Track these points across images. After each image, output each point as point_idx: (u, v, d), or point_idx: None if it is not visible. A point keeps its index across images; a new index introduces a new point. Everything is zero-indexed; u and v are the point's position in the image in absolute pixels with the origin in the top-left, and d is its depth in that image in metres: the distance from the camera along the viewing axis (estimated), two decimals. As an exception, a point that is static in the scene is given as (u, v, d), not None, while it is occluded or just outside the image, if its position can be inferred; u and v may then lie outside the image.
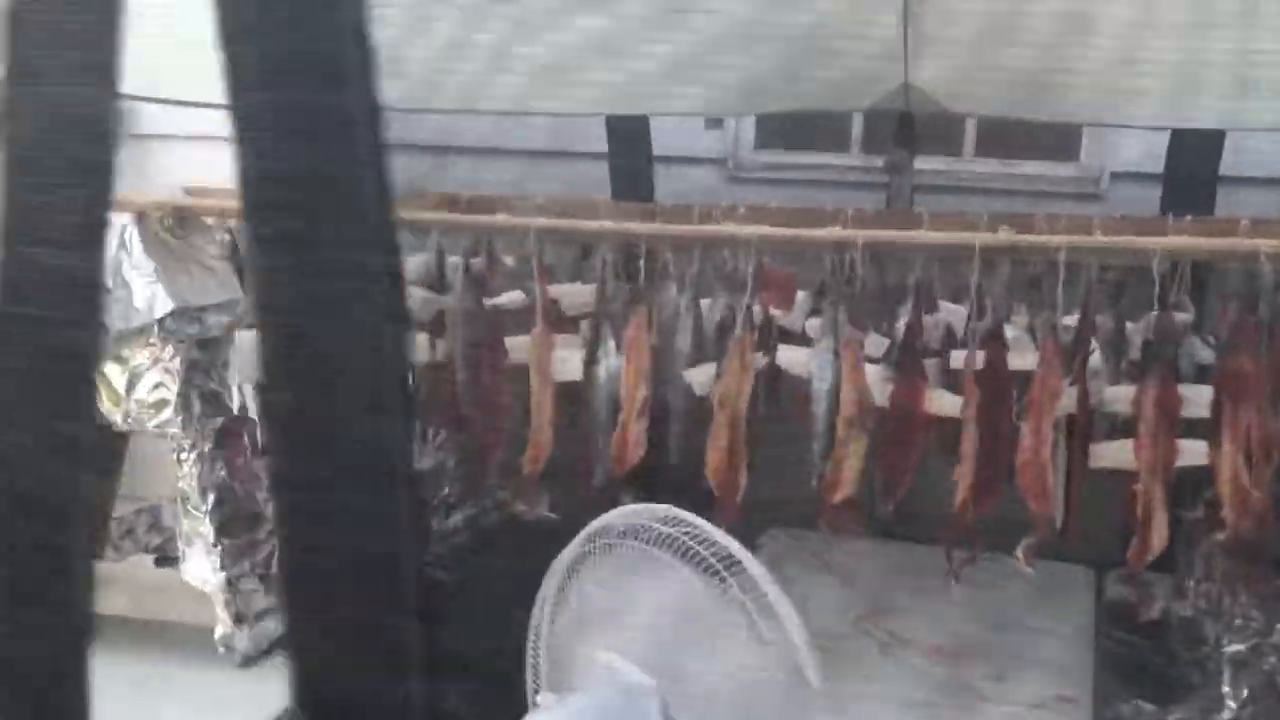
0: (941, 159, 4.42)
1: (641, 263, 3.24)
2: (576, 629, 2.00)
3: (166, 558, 3.80)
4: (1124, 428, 2.91)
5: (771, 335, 3.16)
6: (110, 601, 3.21)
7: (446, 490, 4.26)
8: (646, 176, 4.39)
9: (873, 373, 2.89)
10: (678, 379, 3.10)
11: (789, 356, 2.99)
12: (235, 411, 3.31)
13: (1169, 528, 2.66)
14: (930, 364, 2.97)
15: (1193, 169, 3.93)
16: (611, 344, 3.11)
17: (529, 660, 2.11)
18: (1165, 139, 4.07)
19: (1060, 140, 4.43)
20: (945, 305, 3.17)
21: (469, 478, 4.42)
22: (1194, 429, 2.79)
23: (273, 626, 3.26)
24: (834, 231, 2.69)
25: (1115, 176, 4.27)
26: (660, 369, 3.10)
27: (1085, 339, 2.74)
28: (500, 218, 3.16)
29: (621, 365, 3.09)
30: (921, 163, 4.23)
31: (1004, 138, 4.47)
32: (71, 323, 0.51)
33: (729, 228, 2.77)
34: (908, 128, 4.17)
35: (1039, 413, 2.59)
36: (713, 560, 1.75)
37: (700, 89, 4.12)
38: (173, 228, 3.25)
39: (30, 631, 0.54)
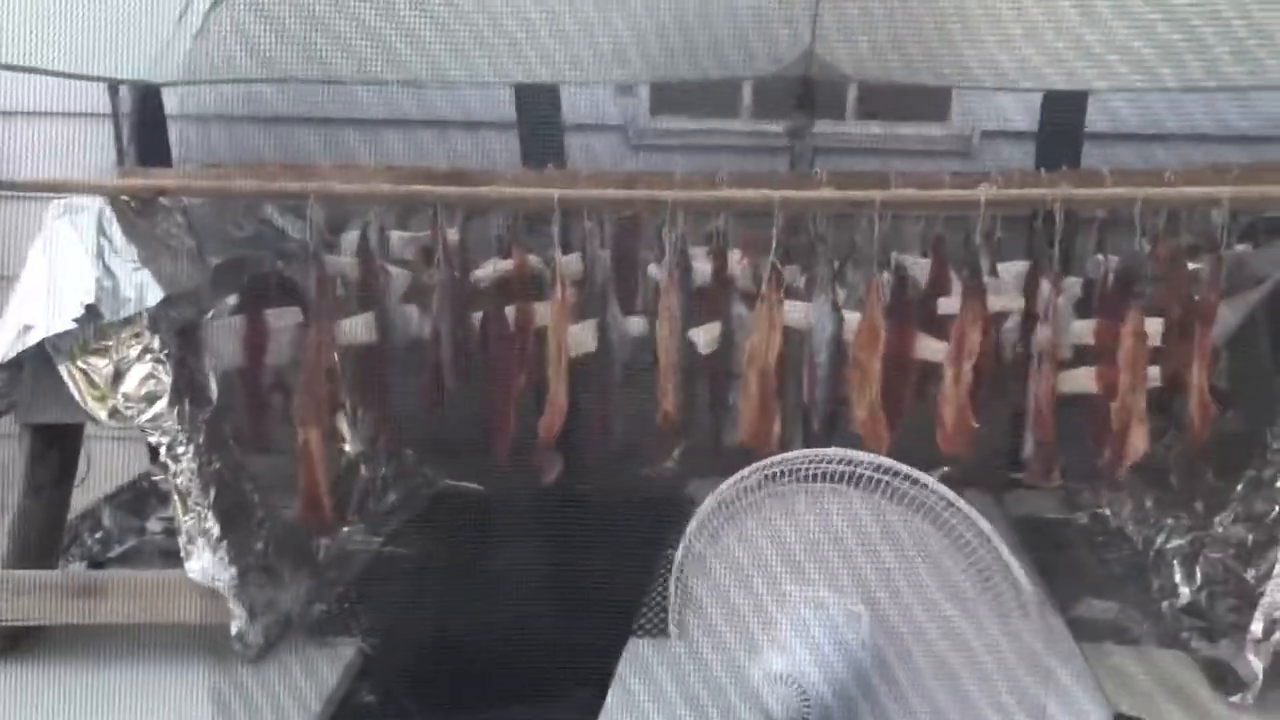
0: (828, 123, 4.69)
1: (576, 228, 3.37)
2: (740, 570, 2.12)
3: (98, 563, 3.61)
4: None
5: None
6: (102, 609, 3.04)
7: (384, 470, 4.22)
8: (558, 144, 4.45)
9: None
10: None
11: (788, 311, 3.17)
12: (214, 401, 3.18)
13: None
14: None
15: (1062, 127, 4.39)
16: (616, 308, 3.21)
17: (674, 600, 2.22)
18: (1029, 99, 4.53)
19: (931, 102, 4.81)
20: (906, 259, 3.44)
21: (400, 456, 4.40)
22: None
23: (275, 618, 3.18)
24: (870, 193, 2.88)
25: (986, 135, 4.69)
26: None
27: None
28: (513, 190, 3.18)
29: (629, 329, 3.20)
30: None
31: (880, 101, 4.81)
32: None
33: (761, 192, 2.92)
34: (809, 94, 4.44)
35: (1050, 352, 2.92)
36: (905, 487, 1.93)
37: (609, 57, 4.23)
38: (139, 211, 3.07)
39: None
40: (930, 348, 3.11)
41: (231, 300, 3.48)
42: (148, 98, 4.38)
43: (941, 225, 3.36)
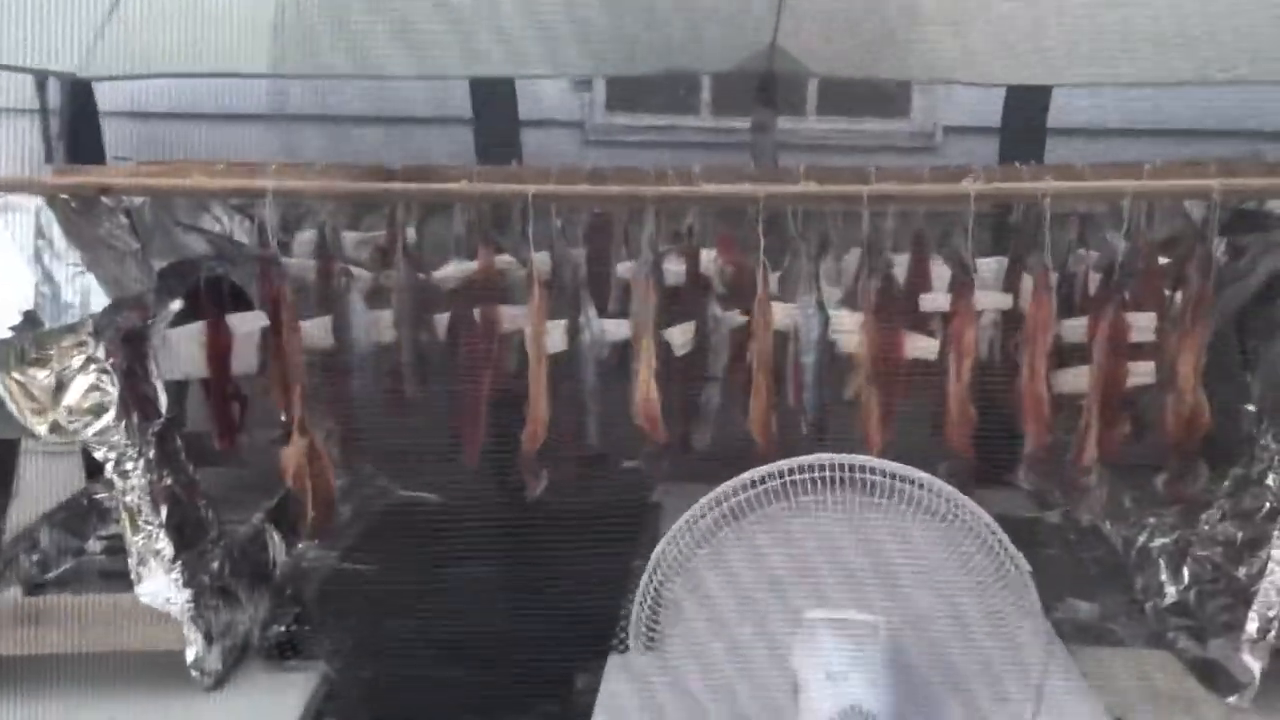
0: (789, 119, 4.60)
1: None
2: (747, 586, 2.02)
3: (37, 585, 3.39)
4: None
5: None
6: (45, 638, 2.83)
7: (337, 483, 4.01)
8: (514, 139, 4.31)
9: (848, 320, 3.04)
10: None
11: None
12: (164, 413, 2.98)
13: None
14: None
15: (1025, 122, 4.35)
16: (592, 311, 3.07)
17: (638, 618, 2.10)
18: (988, 95, 4.48)
19: (892, 98, 4.75)
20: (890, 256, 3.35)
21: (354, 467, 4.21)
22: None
23: (233, 642, 2.99)
24: (857, 188, 2.78)
25: (948, 130, 4.64)
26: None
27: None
28: (486, 186, 3.02)
29: (603, 331, 3.07)
30: (772, 122, 4.42)
31: (842, 98, 4.73)
32: None
33: (744, 187, 2.81)
34: (770, 88, 4.34)
35: (1035, 347, 2.84)
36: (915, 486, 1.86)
37: (570, 50, 4.10)
38: (79, 211, 2.86)
39: None
40: (920, 345, 3.02)
41: (175, 306, 3.27)
42: (78, 91, 4.15)
43: (921, 221, 3.27)
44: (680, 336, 3.03)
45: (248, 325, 3.18)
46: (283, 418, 3.49)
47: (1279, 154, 3.70)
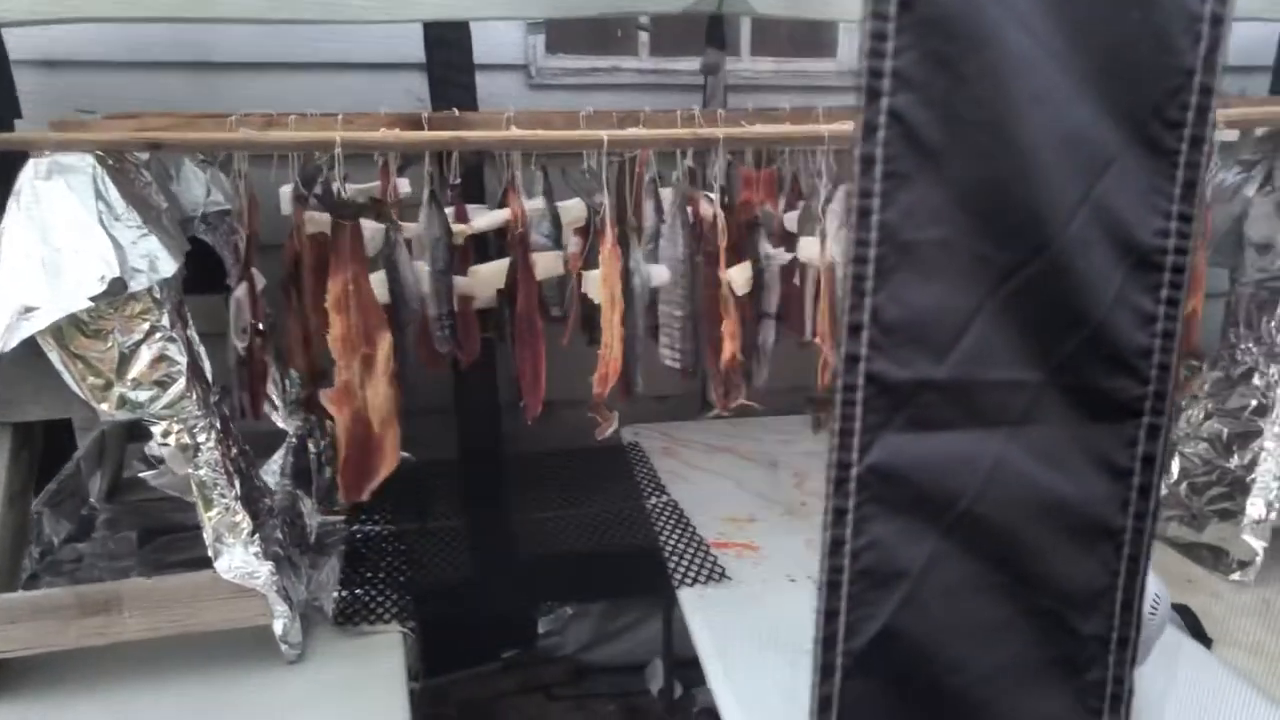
0: (730, 60, 4.68)
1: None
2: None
3: (33, 575, 3.19)
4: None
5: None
6: (121, 627, 2.68)
7: (325, 443, 3.90)
8: (469, 85, 4.23)
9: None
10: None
11: (806, 249, 3.19)
12: (211, 379, 2.84)
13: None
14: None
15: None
16: (640, 254, 3.10)
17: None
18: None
19: (819, 39, 4.90)
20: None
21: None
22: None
23: (303, 612, 2.91)
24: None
25: (876, 70, 4.83)
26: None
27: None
28: (548, 134, 2.98)
29: (650, 275, 3.10)
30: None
31: (772, 39, 4.85)
32: None
33: (815, 127, 2.89)
34: (719, 30, 4.42)
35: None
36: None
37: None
38: (119, 170, 2.66)
39: None
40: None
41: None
42: (-11, 40, 3.80)
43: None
44: (740, 276, 3.10)
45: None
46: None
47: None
